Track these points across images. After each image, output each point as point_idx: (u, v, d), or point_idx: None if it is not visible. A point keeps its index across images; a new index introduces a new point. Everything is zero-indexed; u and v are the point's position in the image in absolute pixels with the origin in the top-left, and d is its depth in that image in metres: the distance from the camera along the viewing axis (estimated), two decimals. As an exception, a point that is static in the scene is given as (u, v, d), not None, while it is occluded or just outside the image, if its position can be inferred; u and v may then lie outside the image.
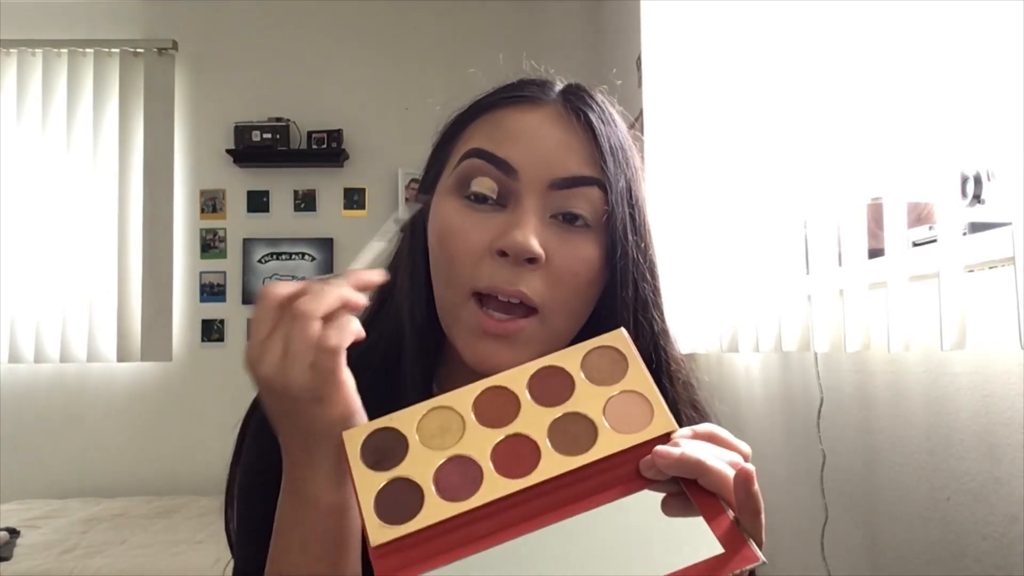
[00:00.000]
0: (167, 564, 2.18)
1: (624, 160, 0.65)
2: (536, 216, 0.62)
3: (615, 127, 0.66)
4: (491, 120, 0.66)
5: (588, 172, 0.63)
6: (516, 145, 0.63)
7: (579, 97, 0.66)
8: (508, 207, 0.63)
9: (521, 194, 0.62)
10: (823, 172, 1.27)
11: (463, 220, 0.63)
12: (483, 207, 0.63)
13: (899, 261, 1.08)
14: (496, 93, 0.69)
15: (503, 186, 0.63)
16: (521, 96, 0.67)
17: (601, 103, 0.67)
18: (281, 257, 3.46)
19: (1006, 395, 0.95)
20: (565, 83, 0.70)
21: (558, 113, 0.65)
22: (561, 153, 0.63)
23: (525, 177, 0.62)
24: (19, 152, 3.33)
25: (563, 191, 0.62)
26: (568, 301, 0.63)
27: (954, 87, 0.99)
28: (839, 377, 1.35)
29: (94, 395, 3.37)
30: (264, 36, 3.51)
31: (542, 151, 0.63)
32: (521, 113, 0.65)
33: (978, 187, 1.04)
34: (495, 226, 0.62)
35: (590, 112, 0.65)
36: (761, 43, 1.50)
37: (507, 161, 0.62)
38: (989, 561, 0.97)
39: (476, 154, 0.64)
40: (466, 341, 0.63)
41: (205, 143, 3.49)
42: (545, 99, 0.66)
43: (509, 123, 0.65)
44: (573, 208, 0.63)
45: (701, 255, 1.83)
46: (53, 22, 3.42)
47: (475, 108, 0.69)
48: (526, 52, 0.83)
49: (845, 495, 1.31)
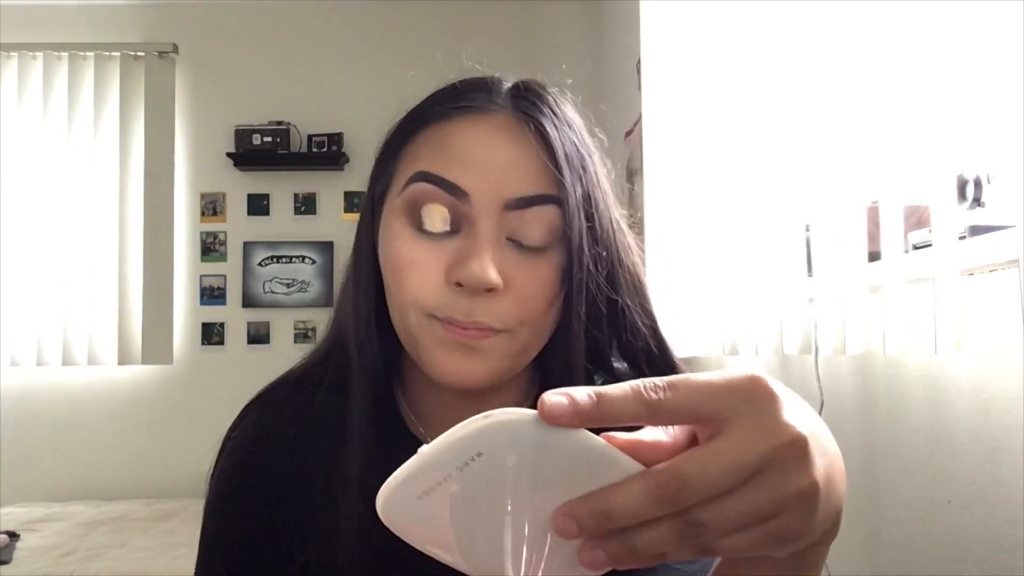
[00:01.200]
0: (167, 567, 2.18)
1: (581, 167, 0.61)
2: (491, 241, 0.58)
3: (569, 129, 0.62)
4: (437, 136, 0.62)
5: (543, 190, 0.59)
6: (465, 166, 0.59)
7: (529, 101, 0.62)
8: (461, 231, 0.59)
9: (474, 218, 0.59)
10: (824, 175, 1.27)
11: (415, 251, 0.59)
12: (436, 234, 0.59)
13: (896, 265, 1.08)
14: (440, 101, 0.64)
15: (454, 211, 0.59)
16: (467, 107, 0.62)
17: (553, 104, 0.63)
18: (281, 260, 3.47)
19: (1006, 398, 0.95)
20: (512, 82, 0.66)
21: (508, 123, 0.61)
22: (513, 171, 0.59)
23: (477, 200, 0.58)
24: (20, 155, 3.33)
25: (518, 211, 0.59)
26: (533, 320, 0.60)
27: (954, 89, 0.99)
28: (839, 380, 1.35)
29: (95, 398, 3.37)
30: (264, 39, 3.52)
31: (493, 171, 0.59)
32: (468, 127, 0.61)
33: (978, 190, 1.04)
34: (449, 254, 0.59)
35: (542, 118, 0.61)
36: (761, 46, 1.50)
37: (457, 185, 0.59)
38: (990, 564, 0.97)
39: (424, 178, 0.60)
40: (430, 355, 0.60)
41: (205, 146, 3.49)
42: (493, 107, 0.62)
43: (456, 140, 0.60)
44: (529, 232, 0.59)
45: (702, 259, 1.83)
46: (53, 25, 3.43)
47: (418, 118, 0.64)
48: (526, 54, 0.83)
49: (846, 498, 1.31)
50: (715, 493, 0.33)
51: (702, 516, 0.34)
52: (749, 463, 0.33)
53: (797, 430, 0.34)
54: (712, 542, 0.34)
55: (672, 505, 0.33)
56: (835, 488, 0.37)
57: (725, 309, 1.69)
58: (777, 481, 0.34)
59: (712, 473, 0.33)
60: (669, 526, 0.34)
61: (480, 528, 0.38)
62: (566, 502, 0.35)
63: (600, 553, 0.35)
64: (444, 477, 0.36)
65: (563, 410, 0.33)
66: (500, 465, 0.35)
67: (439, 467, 0.36)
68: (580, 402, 0.34)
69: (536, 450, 0.35)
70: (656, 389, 0.34)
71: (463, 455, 0.35)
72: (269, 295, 3.45)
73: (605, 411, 0.34)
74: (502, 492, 0.36)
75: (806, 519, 0.35)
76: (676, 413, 0.34)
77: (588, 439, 0.35)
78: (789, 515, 0.34)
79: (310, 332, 3.43)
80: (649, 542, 0.34)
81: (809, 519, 0.35)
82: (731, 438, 0.33)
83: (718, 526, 0.34)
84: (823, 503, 0.35)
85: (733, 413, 0.34)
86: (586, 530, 0.34)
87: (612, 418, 0.34)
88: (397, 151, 0.65)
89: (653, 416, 0.34)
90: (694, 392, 0.34)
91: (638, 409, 0.34)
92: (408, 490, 0.37)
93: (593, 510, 0.34)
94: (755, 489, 0.33)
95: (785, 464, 0.34)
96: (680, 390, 0.34)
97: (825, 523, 0.37)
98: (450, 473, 0.36)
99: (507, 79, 0.66)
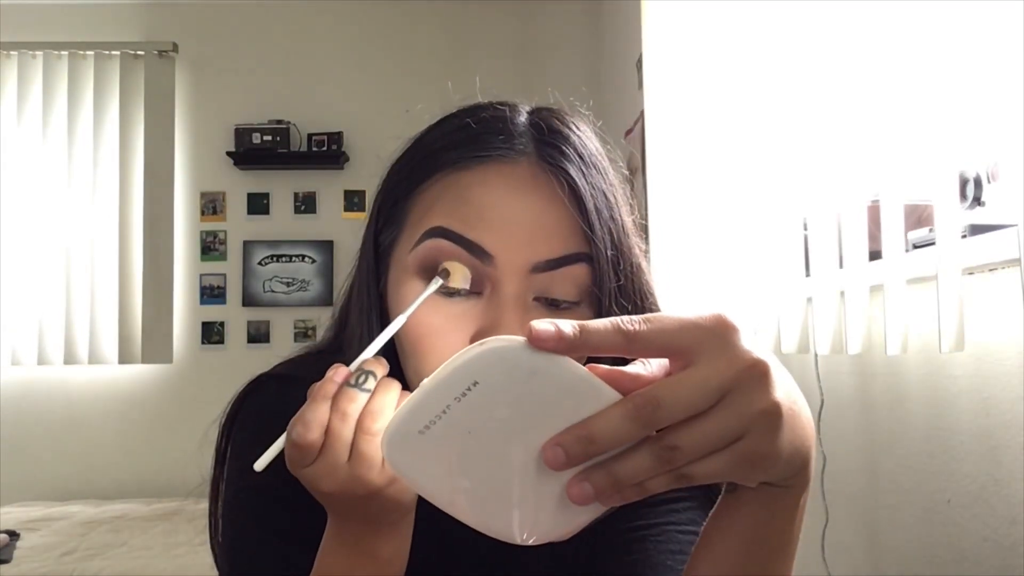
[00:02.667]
0: (167, 567, 2.18)
1: (610, 218, 0.58)
2: (519, 304, 0.55)
3: (596, 172, 0.58)
4: (454, 186, 0.57)
5: (573, 248, 0.56)
6: (489, 225, 0.55)
7: (555, 147, 0.57)
8: (484, 293, 0.56)
9: (499, 280, 0.55)
10: (824, 173, 1.27)
11: (436, 316, 0.55)
12: (456, 294, 0.56)
13: (896, 263, 1.08)
14: (455, 144, 0.59)
15: (476, 271, 0.55)
16: (488, 156, 0.57)
17: (579, 144, 0.59)
18: (281, 259, 3.47)
19: (1006, 397, 0.95)
20: (529, 117, 0.61)
21: (533, 173, 0.57)
22: (541, 230, 0.55)
23: (502, 263, 0.55)
24: (19, 154, 3.33)
25: (546, 273, 0.56)
26: None
27: (956, 87, 0.99)
28: (839, 379, 1.35)
29: (95, 397, 3.37)
30: (264, 38, 3.51)
31: (519, 231, 0.55)
32: (490, 179, 0.57)
33: (978, 189, 1.04)
34: (473, 319, 0.56)
35: (569, 166, 0.57)
36: (762, 44, 1.50)
37: (480, 246, 0.55)
38: (989, 563, 0.97)
39: (442, 234, 0.56)
40: None
41: (205, 145, 3.49)
42: (515, 157, 0.57)
43: (476, 196, 0.56)
44: (558, 293, 0.57)
45: (701, 257, 1.83)
46: (53, 24, 3.43)
47: (431, 161, 0.60)
48: (526, 53, 0.82)
49: (846, 497, 1.31)
50: (686, 414, 0.36)
51: (676, 440, 0.36)
52: (715, 385, 0.36)
53: (756, 355, 0.37)
54: (688, 468, 0.37)
55: (647, 425, 0.36)
56: (799, 423, 0.40)
57: (725, 307, 1.69)
58: (741, 401, 0.37)
59: (682, 395, 0.36)
60: (647, 451, 0.37)
61: (477, 465, 0.40)
62: (554, 435, 0.38)
63: (587, 485, 0.37)
64: (444, 408, 0.38)
65: (549, 335, 0.36)
66: (495, 394, 0.38)
67: (439, 398, 0.38)
68: (565, 329, 0.37)
69: (527, 377, 0.37)
70: (633, 322, 0.37)
71: (461, 384, 0.38)
72: (269, 294, 3.45)
73: (586, 339, 0.37)
74: (497, 425, 0.38)
75: (770, 439, 0.37)
76: (651, 344, 0.37)
77: (574, 367, 0.38)
78: (754, 434, 0.37)
79: (310, 331, 3.43)
80: (630, 469, 0.37)
81: (773, 439, 0.37)
82: (699, 367, 0.37)
83: (691, 448, 0.36)
84: (787, 429, 0.38)
85: (701, 346, 0.37)
86: (572, 457, 0.37)
87: (593, 346, 0.37)
88: (407, 195, 0.61)
89: (630, 345, 0.37)
90: (667, 326, 0.37)
91: (617, 339, 0.37)
92: (411, 424, 0.39)
93: (578, 435, 0.37)
94: (722, 410, 0.36)
95: (748, 385, 0.37)
96: (654, 324, 0.37)
97: (792, 458, 0.40)
98: (449, 404, 0.38)
99: (522, 110, 0.62)
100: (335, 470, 0.49)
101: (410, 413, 0.39)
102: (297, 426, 0.49)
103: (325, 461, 0.49)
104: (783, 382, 0.38)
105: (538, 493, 0.40)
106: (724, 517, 0.47)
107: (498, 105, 0.62)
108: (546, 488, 0.39)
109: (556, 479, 0.39)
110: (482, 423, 0.39)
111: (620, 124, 2.72)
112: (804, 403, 0.42)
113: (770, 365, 0.38)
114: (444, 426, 0.39)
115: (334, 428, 0.49)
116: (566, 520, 0.40)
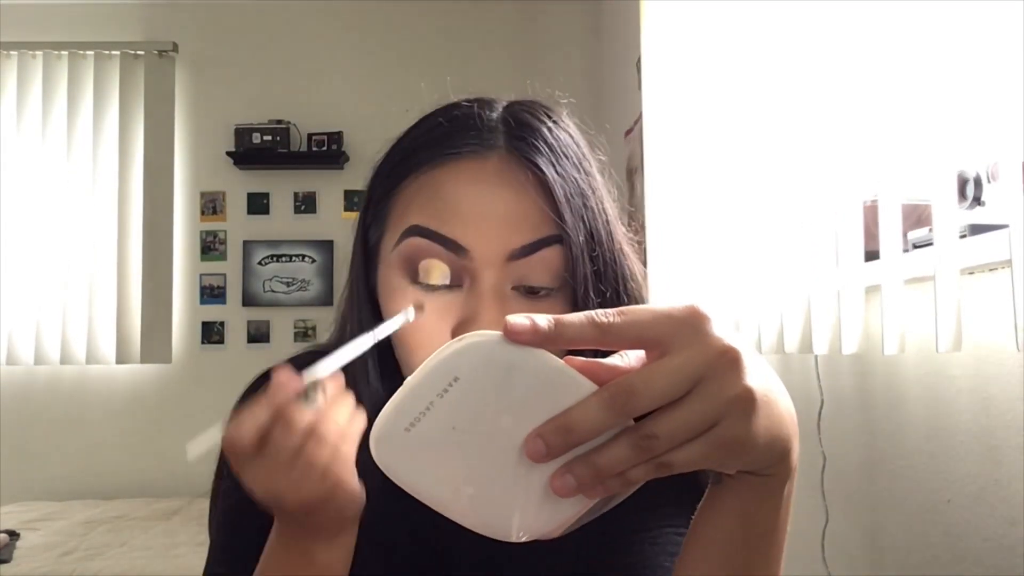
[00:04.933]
0: (167, 566, 2.18)
1: (582, 205, 0.59)
2: (496, 295, 0.57)
3: (568, 161, 0.60)
4: (429, 184, 0.59)
5: (545, 233, 0.57)
6: (462, 220, 0.57)
7: (524, 140, 0.59)
8: (464, 286, 0.58)
9: (476, 271, 0.57)
10: (824, 173, 1.27)
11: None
12: (437, 288, 0.58)
13: (894, 263, 1.08)
14: (428, 144, 0.61)
15: (454, 265, 0.58)
16: (459, 152, 0.59)
17: (548, 135, 0.60)
18: (281, 259, 3.47)
19: (1006, 397, 0.95)
20: (503, 111, 0.62)
21: (503, 166, 0.58)
22: (513, 222, 0.57)
23: (478, 255, 0.57)
24: (19, 154, 3.33)
25: (522, 260, 0.57)
26: None
27: (955, 87, 0.99)
28: (839, 379, 1.35)
29: (94, 397, 3.37)
30: (264, 38, 3.51)
31: (492, 222, 0.57)
32: (462, 175, 0.59)
33: (978, 189, 1.04)
34: (453, 310, 0.58)
35: (538, 158, 0.58)
36: (761, 44, 1.50)
37: (455, 241, 0.57)
38: (989, 563, 0.97)
39: (418, 232, 0.58)
40: None
41: (205, 145, 3.49)
42: (487, 151, 0.59)
43: (450, 192, 0.58)
44: (535, 280, 0.58)
45: (701, 257, 1.83)
46: (53, 24, 3.43)
47: (407, 161, 0.62)
48: (526, 53, 0.82)
49: (846, 497, 1.31)
50: (661, 402, 0.37)
51: (653, 428, 0.37)
52: (688, 373, 0.37)
53: (728, 343, 0.38)
54: (667, 456, 0.38)
55: (623, 413, 0.37)
56: (775, 410, 0.40)
57: (724, 307, 1.69)
58: (714, 387, 0.37)
59: (656, 383, 0.37)
60: (626, 441, 0.37)
61: (463, 461, 0.40)
62: (534, 428, 0.38)
63: (569, 478, 0.38)
64: (427, 406, 0.39)
65: (524, 328, 0.37)
66: (475, 389, 0.38)
67: (422, 395, 0.39)
68: (540, 323, 0.37)
69: (506, 372, 0.38)
70: (607, 315, 0.38)
71: (442, 380, 0.38)
72: (269, 294, 3.45)
73: (561, 331, 0.37)
74: (480, 420, 0.39)
75: (745, 424, 0.38)
76: (625, 335, 0.38)
77: (551, 360, 0.38)
78: (729, 420, 0.37)
79: (310, 331, 3.43)
80: (610, 459, 0.37)
81: (748, 425, 0.38)
82: (672, 355, 0.37)
83: (668, 436, 0.37)
84: (762, 415, 0.38)
85: (674, 336, 0.38)
86: (552, 449, 0.37)
87: (568, 338, 0.38)
88: (388, 195, 0.63)
89: (604, 337, 0.38)
90: (641, 318, 0.38)
91: (592, 331, 0.38)
92: (396, 422, 0.40)
93: (556, 426, 0.37)
94: (696, 397, 0.37)
95: (720, 372, 0.37)
96: (628, 316, 0.38)
97: (771, 445, 0.40)
98: (432, 401, 0.39)
99: (497, 104, 0.63)
100: (272, 476, 0.49)
101: (395, 411, 0.40)
102: (231, 425, 0.48)
103: (262, 466, 0.48)
104: (757, 369, 0.39)
105: (524, 488, 0.40)
106: (710, 508, 0.47)
107: (471, 102, 0.63)
108: (532, 483, 0.40)
109: (541, 473, 0.39)
110: (465, 418, 0.39)
111: (620, 124, 2.72)
112: (783, 392, 0.42)
113: (742, 352, 0.38)
114: (428, 423, 0.39)
115: (275, 435, 0.48)
116: (553, 515, 0.41)
